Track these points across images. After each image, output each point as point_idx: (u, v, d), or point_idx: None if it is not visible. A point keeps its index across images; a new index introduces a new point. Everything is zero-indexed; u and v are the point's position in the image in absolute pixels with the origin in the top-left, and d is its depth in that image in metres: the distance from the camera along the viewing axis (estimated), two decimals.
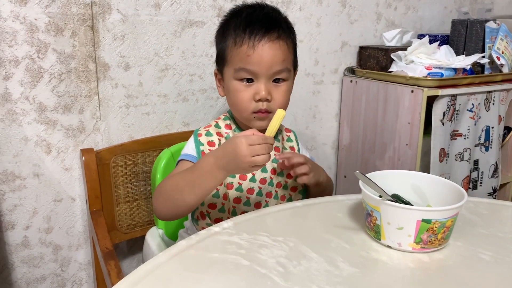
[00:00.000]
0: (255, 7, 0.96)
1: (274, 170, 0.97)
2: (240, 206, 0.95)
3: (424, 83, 1.34)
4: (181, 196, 0.84)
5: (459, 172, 1.47)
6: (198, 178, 0.82)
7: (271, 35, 0.89)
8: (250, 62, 0.89)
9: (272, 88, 0.92)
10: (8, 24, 1.08)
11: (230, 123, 1.00)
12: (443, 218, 0.68)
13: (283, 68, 0.91)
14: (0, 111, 1.11)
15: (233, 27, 0.92)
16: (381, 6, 1.64)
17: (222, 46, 0.94)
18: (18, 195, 1.17)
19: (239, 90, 0.92)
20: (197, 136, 0.96)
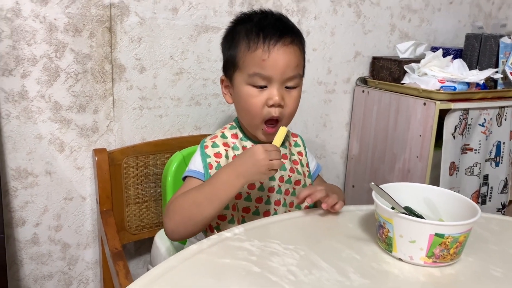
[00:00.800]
0: (265, 13, 0.96)
1: (282, 178, 0.97)
2: (249, 215, 0.95)
3: (437, 96, 1.34)
4: (199, 210, 0.84)
5: (469, 187, 1.46)
6: (216, 189, 0.83)
7: (285, 40, 0.89)
8: (265, 67, 0.88)
9: (285, 93, 0.92)
10: (28, 23, 1.09)
11: (237, 132, 0.99)
12: (456, 233, 0.68)
13: (296, 74, 0.92)
14: (16, 109, 1.12)
15: (245, 32, 0.91)
16: (395, 17, 1.64)
17: (232, 52, 0.94)
18: (30, 192, 1.19)
19: (252, 95, 0.91)
20: (204, 148, 0.95)
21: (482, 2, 1.85)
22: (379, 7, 1.59)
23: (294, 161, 1.02)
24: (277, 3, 1.40)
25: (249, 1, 1.35)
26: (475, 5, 1.83)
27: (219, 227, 0.94)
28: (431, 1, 1.71)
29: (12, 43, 1.09)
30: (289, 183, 0.98)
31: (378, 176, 1.54)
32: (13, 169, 1.15)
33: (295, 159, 1.02)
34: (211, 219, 0.85)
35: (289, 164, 0.99)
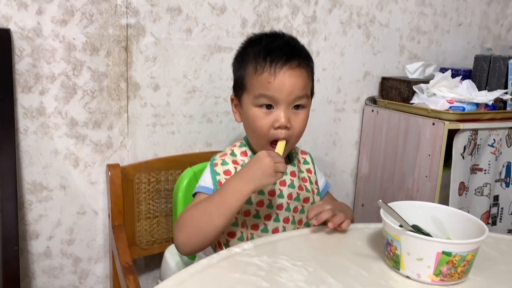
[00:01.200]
0: (274, 35, 0.97)
1: (291, 196, 0.98)
2: (258, 232, 0.95)
3: (446, 116, 1.35)
4: (209, 220, 0.84)
5: (479, 207, 1.46)
6: (225, 198, 0.84)
7: (292, 63, 0.91)
8: (271, 89, 0.90)
9: (292, 115, 0.92)
10: (48, 43, 1.13)
11: (246, 150, 1.00)
12: (463, 251, 0.69)
13: (303, 94, 0.92)
14: (34, 124, 1.16)
15: (253, 55, 0.93)
16: (405, 39, 1.67)
17: (241, 74, 0.96)
18: (44, 206, 1.21)
19: (258, 117, 0.92)
20: (213, 166, 0.97)
21: (491, 24, 1.87)
22: (388, 29, 1.62)
23: (303, 178, 1.03)
24: (287, 24, 1.43)
25: (260, 23, 1.39)
26: (484, 27, 1.86)
27: (229, 243, 0.95)
28: (440, 23, 1.73)
29: (32, 61, 1.13)
30: (298, 200, 0.99)
31: (388, 195, 1.55)
32: (29, 183, 1.18)
33: (304, 176, 1.03)
34: (222, 229, 0.86)
35: (298, 182, 1.00)
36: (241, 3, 1.34)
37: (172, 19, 1.26)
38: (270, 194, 0.96)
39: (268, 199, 0.96)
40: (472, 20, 1.82)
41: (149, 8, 1.22)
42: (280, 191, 0.97)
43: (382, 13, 1.60)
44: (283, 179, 0.98)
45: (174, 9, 1.26)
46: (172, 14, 1.25)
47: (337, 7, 1.51)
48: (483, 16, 1.84)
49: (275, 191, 0.96)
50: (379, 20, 1.60)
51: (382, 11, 1.59)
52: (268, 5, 1.39)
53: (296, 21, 1.45)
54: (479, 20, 1.83)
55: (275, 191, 0.96)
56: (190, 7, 1.27)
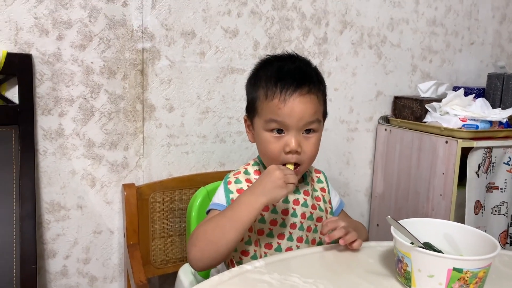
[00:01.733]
0: (286, 59, 0.98)
1: (304, 215, 0.98)
2: (271, 251, 0.95)
3: (459, 134, 1.35)
4: (222, 234, 0.85)
5: (496, 226, 1.44)
6: (238, 211, 0.85)
7: (302, 89, 0.91)
8: (281, 114, 0.91)
9: (302, 140, 0.93)
10: (68, 67, 1.18)
11: (260, 169, 1.01)
12: (475, 268, 0.68)
13: (314, 119, 0.93)
14: (53, 145, 1.20)
15: (264, 80, 0.94)
16: (416, 58, 1.68)
17: (253, 97, 0.97)
18: (62, 225, 1.24)
19: (269, 141, 0.93)
20: (227, 184, 0.98)
21: (504, 42, 1.87)
22: (399, 49, 1.64)
23: (316, 197, 1.03)
24: (299, 46, 1.46)
25: (272, 45, 1.42)
26: (497, 46, 1.86)
27: (242, 262, 0.96)
28: (451, 42, 1.74)
29: (52, 84, 1.17)
30: (311, 220, 0.99)
31: (402, 214, 1.54)
32: (47, 202, 1.22)
33: (317, 195, 1.04)
34: (235, 243, 0.86)
35: (311, 201, 1.00)
36: (253, 26, 1.38)
37: (186, 43, 1.30)
38: (284, 213, 0.96)
39: (281, 218, 0.96)
40: (484, 38, 1.82)
41: (164, 32, 1.27)
42: (294, 210, 0.97)
43: (393, 33, 1.62)
44: (296, 198, 0.98)
45: (188, 33, 1.30)
46: (186, 38, 1.30)
47: (347, 28, 1.53)
48: (496, 35, 1.85)
49: (288, 210, 0.97)
50: (390, 40, 1.62)
51: (393, 31, 1.61)
52: (280, 28, 1.42)
53: (308, 42, 1.47)
54: (491, 38, 1.84)
55: (288, 210, 0.97)
56: (203, 31, 1.31)
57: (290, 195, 0.98)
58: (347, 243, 0.88)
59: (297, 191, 0.99)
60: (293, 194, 0.98)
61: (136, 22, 1.23)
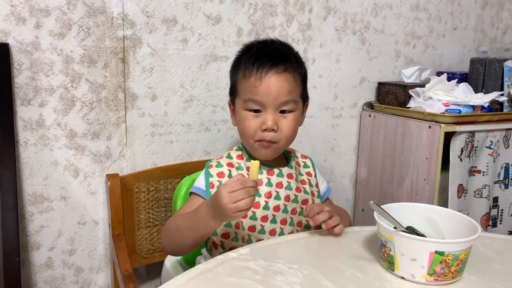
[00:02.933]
0: (266, 42, 1.01)
1: (288, 197, 0.99)
2: (255, 234, 0.97)
3: (442, 119, 1.36)
4: (181, 238, 0.90)
5: (478, 209, 1.46)
6: (195, 224, 0.87)
7: (278, 68, 0.94)
8: (258, 93, 0.93)
9: (279, 118, 0.95)
10: (47, 56, 1.16)
11: (242, 154, 1.03)
12: (456, 250, 0.69)
13: (290, 99, 0.95)
14: (34, 136, 1.18)
15: (244, 61, 0.97)
16: (400, 44, 1.68)
17: (234, 79, 1.00)
18: (45, 217, 1.22)
19: (247, 118, 0.96)
20: (208, 167, 1.01)
21: (487, 27, 1.88)
22: (383, 34, 1.64)
23: (302, 181, 1.04)
24: (283, 32, 1.45)
25: (256, 31, 1.40)
26: (479, 31, 1.87)
27: (224, 245, 0.97)
28: (435, 27, 1.75)
29: (31, 74, 1.15)
30: (296, 202, 1.00)
31: (387, 199, 1.55)
32: (30, 194, 1.20)
33: (303, 179, 1.05)
34: (195, 246, 0.91)
35: (296, 184, 1.02)
36: (236, 12, 1.36)
37: (168, 30, 1.28)
38: (267, 196, 0.98)
39: (264, 200, 0.97)
40: (467, 23, 1.83)
41: (145, 19, 1.24)
42: (277, 193, 0.98)
43: (376, 19, 1.61)
44: (280, 181, 0.99)
45: (170, 20, 1.28)
46: (168, 25, 1.28)
47: (331, 14, 1.52)
48: (478, 20, 1.86)
49: (271, 193, 0.98)
50: (374, 26, 1.61)
51: (377, 17, 1.61)
52: (263, 14, 1.41)
53: (291, 29, 1.46)
54: (474, 23, 1.85)
55: (271, 193, 0.98)
56: (185, 17, 1.29)
57: (273, 178, 0.99)
58: (329, 227, 0.89)
59: (280, 174, 1.01)
60: (276, 177, 1.00)
61: (116, 9, 1.21)
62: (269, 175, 1.00)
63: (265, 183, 0.99)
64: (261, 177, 0.99)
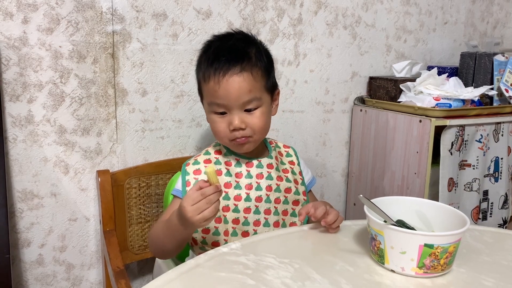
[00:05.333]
0: (223, 39, 1.00)
1: (270, 187, 0.99)
2: (239, 226, 0.98)
3: (432, 113, 1.37)
4: (163, 245, 0.93)
5: (468, 202, 1.47)
6: (171, 233, 0.89)
7: (234, 69, 0.93)
8: (218, 97, 0.93)
9: (245, 116, 0.95)
10: (35, 51, 1.14)
11: (220, 149, 1.04)
12: (445, 243, 0.69)
13: (251, 98, 0.94)
14: (23, 132, 1.17)
15: (203, 62, 0.97)
16: (391, 38, 1.69)
17: (198, 79, 1.01)
18: (36, 214, 1.22)
19: (215, 121, 0.97)
20: (185, 166, 1.02)
21: (477, 22, 1.89)
22: (374, 29, 1.64)
23: (284, 169, 1.05)
24: (273, 27, 1.45)
25: (246, 26, 1.40)
26: (470, 25, 1.88)
27: (205, 240, 0.98)
28: (425, 21, 1.75)
29: (20, 70, 1.14)
30: (278, 191, 1.01)
31: (378, 193, 1.56)
32: (19, 191, 1.19)
33: (285, 168, 1.06)
34: (178, 250, 0.94)
35: (276, 173, 1.02)
36: (226, 7, 1.35)
37: (158, 25, 1.27)
38: (247, 188, 0.98)
39: (245, 192, 0.98)
40: (457, 18, 1.84)
41: (134, 14, 1.23)
42: (258, 184, 0.99)
43: (367, 14, 1.61)
44: (260, 172, 1.00)
45: (160, 15, 1.27)
46: (158, 19, 1.27)
47: (322, 8, 1.52)
48: (469, 14, 1.86)
49: (252, 184, 0.99)
50: (364, 21, 1.61)
51: (368, 11, 1.61)
52: (254, 8, 1.40)
53: (282, 23, 1.46)
54: (464, 18, 1.85)
55: (252, 184, 0.99)
56: (175, 12, 1.29)
57: (253, 170, 1.00)
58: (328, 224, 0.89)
59: (259, 165, 1.01)
60: (256, 168, 1.01)
61: (105, 3, 1.20)
62: (248, 167, 1.01)
63: (244, 175, 0.99)
64: (241, 169, 1.00)
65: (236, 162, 1.01)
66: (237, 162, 1.01)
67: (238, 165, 1.01)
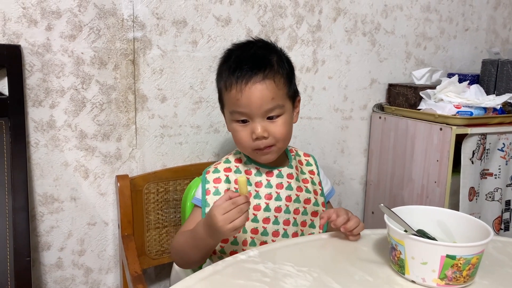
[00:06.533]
0: (244, 47, 0.99)
1: (289, 198, 0.99)
2: (258, 236, 0.97)
3: (453, 121, 1.35)
4: (187, 256, 0.94)
5: (490, 212, 1.44)
6: (195, 244, 0.89)
7: (257, 77, 0.92)
8: (241, 105, 0.93)
9: (268, 124, 0.94)
10: (58, 57, 1.16)
11: (240, 157, 1.03)
12: (468, 254, 0.68)
13: (274, 106, 0.94)
14: (45, 137, 1.19)
15: (224, 71, 0.97)
16: (411, 45, 1.67)
17: (219, 89, 1.00)
18: (56, 217, 1.23)
19: (237, 130, 0.96)
20: (205, 174, 1.02)
21: (499, 28, 1.86)
22: (393, 36, 1.63)
23: (303, 179, 1.04)
24: (292, 34, 1.45)
25: (265, 33, 1.40)
26: (491, 32, 1.85)
27: (224, 249, 0.98)
28: (446, 28, 1.73)
29: (43, 76, 1.16)
30: (298, 202, 1.00)
31: (397, 202, 1.54)
32: (40, 195, 1.21)
33: (305, 178, 1.05)
34: (202, 261, 0.94)
35: (296, 183, 1.01)
36: (245, 14, 1.36)
37: (178, 32, 1.28)
38: (267, 198, 0.98)
39: (265, 202, 0.97)
40: (479, 24, 1.81)
41: (155, 21, 1.25)
42: (277, 194, 0.98)
43: (387, 21, 1.60)
44: (280, 182, 0.99)
45: (180, 22, 1.28)
46: (178, 26, 1.28)
47: (341, 15, 1.52)
48: (490, 21, 1.83)
49: (272, 194, 0.98)
50: (384, 28, 1.60)
51: (387, 18, 1.60)
52: (273, 15, 1.41)
53: (301, 30, 1.46)
54: (486, 24, 1.83)
55: (272, 194, 0.98)
56: (195, 19, 1.30)
57: (273, 179, 0.99)
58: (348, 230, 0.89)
59: (279, 175, 1.00)
60: (276, 178, 1.00)
61: (126, 11, 1.22)
62: (268, 177, 1.00)
63: (264, 185, 0.99)
64: (261, 179, 0.99)
65: (256, 171, 1.01)
66: (257, 171, 1.00)
67: (258, 174, 1.00)
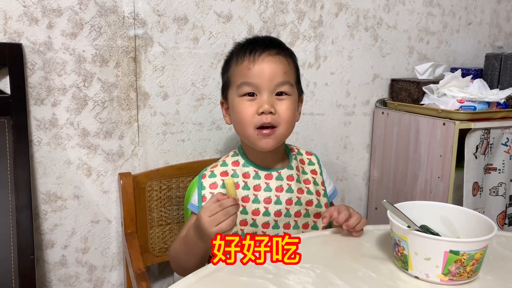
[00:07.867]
0: (256, 37, 1.02)
1: (290, 201, 0.96)
2: None
3: (456, 116, 1.34)
4: (183, 262, 0.94)
5: (494, 207, 1.44)
6: (189, 249, 0.89)
7: (271, 51, 0.93)
8: (251, 75, 0.92)
9: (275, 101, 0.93)
10: (59, 56, 1.16)
11: (238, 159, 1.00)
12: (471, 250, 0.68)
13: (285, 80, 0.93)
14: (47, 135, 1.19)
15: (235, 53, 0.98)
16: (413, 40, 1.66)
17: (227, 74, 1.00)
18: (59, 215, 1.24)
19: (243, 105, 0.93)
20: (201, 178, 0.99)
21: (502, 22, 1.85)
22: (396, 30, 1.62)
23: (305, 180, 1.01)
24: (294, 29, 1.44)
25: (267, 29, 1.40)
26: (494, 26, 1.83)
27: None
28: (449, 23, 1.72)
29: (44, 74, 1.16)
30: (299, 204, 0.97)
31: (400, 197, 1.53)
32: (44, 193, 1.21)
33: (306, 178, 1.02)
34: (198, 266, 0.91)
35: (297, 185, 0.98)
36: (246, 10, 1.36)
37: (179, 29, 1.28)
38: (266, 202, 0.95)
39: (264, 207, 0.95)
40: (482, 18, 1.80)
41: (156, 18, 1.25)
42: (277, 198, 0.96)
43: (389, 15, 1.59)
44: (280, 185, 0.97)
45: (181, 19, 1.28)
46: (179, 23, 1.28)
47: (343, 10, 1.51)
48: (493, 14, 1.82)
49: (271, 198, 0.96)
50: (386, 22, 1.59)
51: (389, 13, 1.59)
52: (274, 11, 1.40)
53: (303, 26, 1.45)
54: (489, 18, 1.81)
55: (271, 198, 0.96)
56: (196, 16, 1.29)
57: (272, 182, 0.97)
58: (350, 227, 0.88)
59: (279, 177, 0.98)
60: (275, 181, 0.97)
61: (127, 8, 1.21)
62: (267, 180, 0.97)
63: (263, 188, 0.96)
64: (259, 182, 0.97)
65: (254, 174, 0.98)
66: (256, 174, 0.97)
67: (256, 177, 0.97)
